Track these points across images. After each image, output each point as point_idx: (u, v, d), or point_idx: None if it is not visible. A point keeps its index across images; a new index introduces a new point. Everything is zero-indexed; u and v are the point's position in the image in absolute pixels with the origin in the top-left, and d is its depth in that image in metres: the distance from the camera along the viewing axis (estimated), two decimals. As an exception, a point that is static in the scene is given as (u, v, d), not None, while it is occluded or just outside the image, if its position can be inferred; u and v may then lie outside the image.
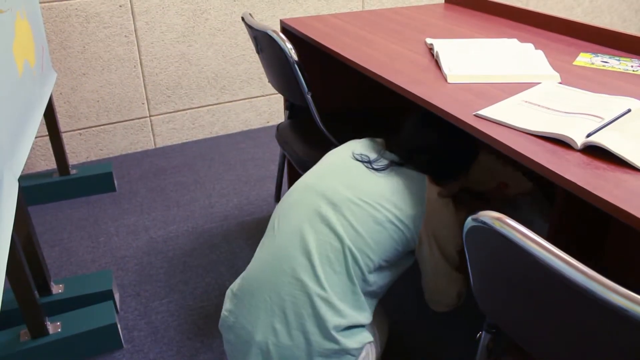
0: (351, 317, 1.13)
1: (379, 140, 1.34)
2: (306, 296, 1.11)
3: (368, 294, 1.18)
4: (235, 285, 1.23)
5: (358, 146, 1.30)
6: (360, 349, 1.13)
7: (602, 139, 0.96)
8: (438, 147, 1.26)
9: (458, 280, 1.26)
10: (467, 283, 1.28)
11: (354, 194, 1.17)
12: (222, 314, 1.23)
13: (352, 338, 1.13)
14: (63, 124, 2.67)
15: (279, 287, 1.13)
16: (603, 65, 1.41)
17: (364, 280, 1.15)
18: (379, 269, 1.17)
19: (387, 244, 1.15)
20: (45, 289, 1.69)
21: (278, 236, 1.20)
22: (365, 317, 1.17)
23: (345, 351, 1.11)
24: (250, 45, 2.93)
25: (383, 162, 1.23)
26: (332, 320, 1.10)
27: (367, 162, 1.23)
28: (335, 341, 1.10)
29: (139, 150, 2.89)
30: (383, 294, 1.24)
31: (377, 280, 1.18)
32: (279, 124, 2.00)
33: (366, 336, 1.15)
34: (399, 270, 1.24)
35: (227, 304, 1.22)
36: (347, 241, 1.13)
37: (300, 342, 1.11)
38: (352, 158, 1.26)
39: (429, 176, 1.22)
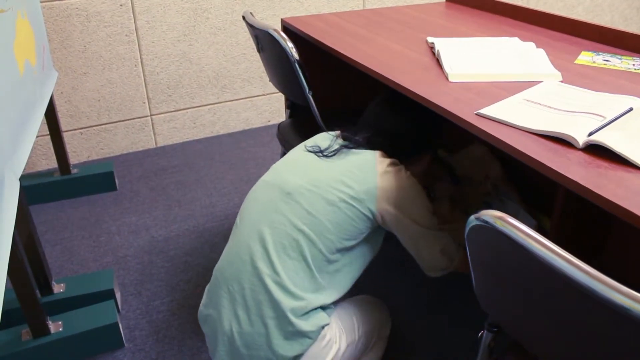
0: (309, 299, 1.17)
1: (333, 132, 1.38)
2: (262, 282, 1.16)
3: (337, 272, 1.21)
4: (209, 282, 1.30)
5: (311, 140, 1.36)
6: (316, 332, 1.16)
7: (604, 138, 0.96)
8: (399, 130, 1.30)
9: (437, 238, 1.25)
10: (450, 239, 1.28)
11: (306, 181, 1.22)
12: (199, 310, 1.29)
13: (308, 321, 1.16)
14: (64, 123, 2.67)
15: (240, 276, 1.19)
16: (604, 64, 1.41)
17: (327, 261, 1.19)
18: (344, 248, 1.20)
19: (345, 223, 1.18)
20: (47, 288, 1.69)
21: (239, 231, 1.26)
22: (326, 296, 1.20)
23: (302, 334, 1.15)
24: (251, 44, 2.93)
25: (333, 149, 1.28)
26: (288, 303, 1.14)
27: (318, 152, 1.28)
28: (291, 324, 1.14)
29: (140, 149, 2.90)
30: (357, 272, 1.26)
31: (342, 259, 1.21)
32: (280, 123, 2.00)
33: (322, 318, 1.18)
34: (371, 247, 1.27)
35: (203, 299, 1.29)
36: (302, 226, 1.18)
37: (260, 327, 1.15)
38: (305, 151, 1.31)
39: (380, 151, 1.25)
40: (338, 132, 1.36)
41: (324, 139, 1.34)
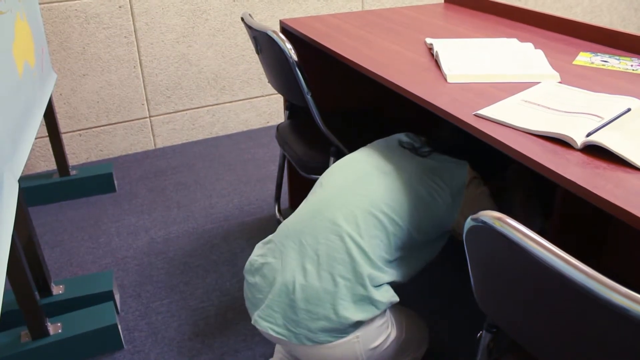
0: (385, 271, 1.17)
1: (417, 136, 1.43)
2: (342, 240, 1.16)
3: (404, 259, 1.23)
4: (267, 237, 1.29)
5: (404, 137, 1.40)
6: (385, 304, 1.16)
7: (602, 138, 0.96)
8: (472, 151, 1.35)
9: None
10: None
11: (404, 169, 1.26)
12: (249, 260, 1.27)
13: (380, 292, 1.16)
14: (63, 124, 2.67)
15: (316, 231, 1.19)
16: (603, 65, 1.41)
17: (402, 245, 1.21)
18: (415, 241, 1.23)
19: (429, 214, 1.22)
20: (46, 290, 1.69)
21: (324, 191, 1.27)
22: (397, 275, 1.21)
23: (372, 301, 1.14)
24: (250, 46, 2.93)
25: (426, 150, 1.33)
26: (366, 268, 1.14)
27: (412, 149, 1.33)
28: (365, 288, 1.13)
29: (139, 151, 2.89)
30: (418, 266, 1.28)
31: (410, 249, 1.23)
32: (279, 124, 2.00)
33: (393, 294, 1.18)
34: (433, 250, 1.30)
35: (256, 251, 1.28)
36: (392, 203, 1.20)
37: (328, 284, 1.13)
38: (398, 145, 1.36)
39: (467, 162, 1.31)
40: (424, 139, 1.41)
41: (414, 140, 1.38)
